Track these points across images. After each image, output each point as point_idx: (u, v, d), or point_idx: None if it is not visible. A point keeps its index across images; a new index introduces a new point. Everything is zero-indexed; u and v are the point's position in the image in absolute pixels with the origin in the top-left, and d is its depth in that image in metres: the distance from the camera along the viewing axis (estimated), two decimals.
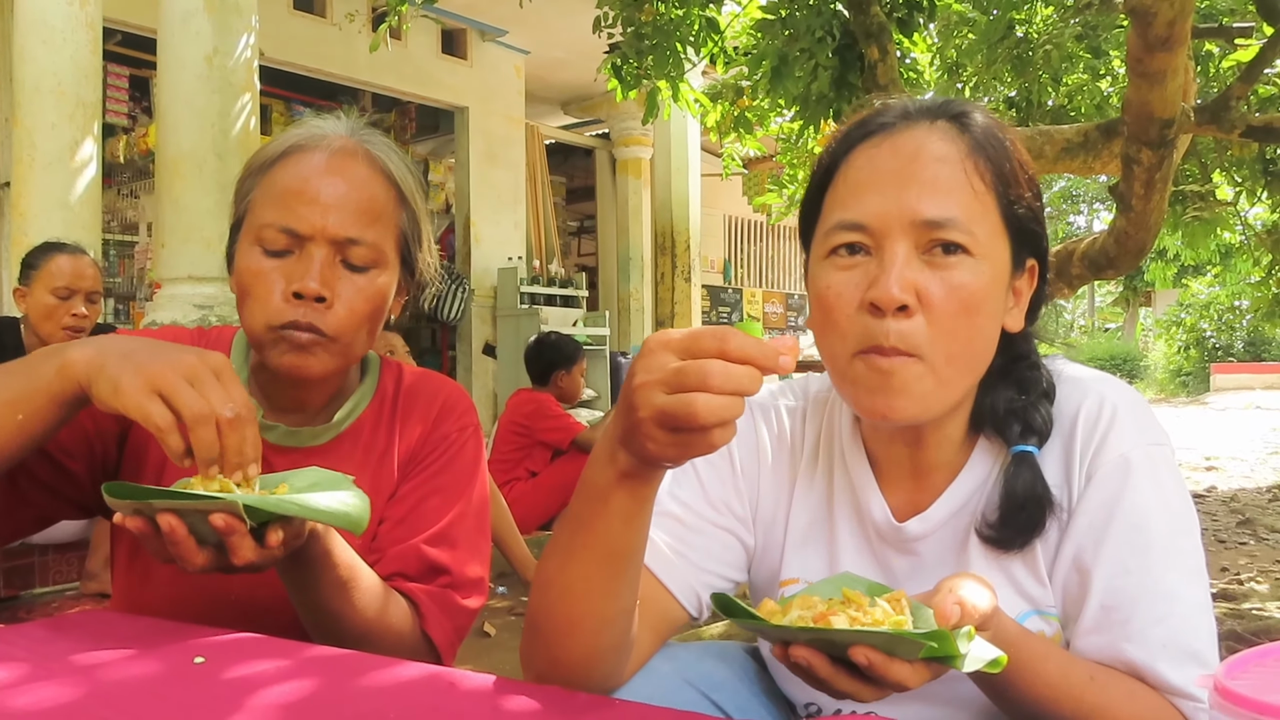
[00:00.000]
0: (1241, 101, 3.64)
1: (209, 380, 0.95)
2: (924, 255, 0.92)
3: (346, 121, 1.24)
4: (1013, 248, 0.97)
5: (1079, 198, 29.34)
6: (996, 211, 0.95)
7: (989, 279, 0.94)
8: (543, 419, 4.73)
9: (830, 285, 0.95)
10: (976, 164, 0.94)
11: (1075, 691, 0.89)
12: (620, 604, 0.90)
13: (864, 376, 0.93)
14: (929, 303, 0.91)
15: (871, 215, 0.93)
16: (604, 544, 0.86)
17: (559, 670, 0.91)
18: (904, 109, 0.98)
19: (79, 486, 1.19)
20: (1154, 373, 25.22)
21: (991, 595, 0.81)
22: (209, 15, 4.11)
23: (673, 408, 0.73)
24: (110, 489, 0.92)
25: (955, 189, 0.92)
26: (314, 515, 0.94)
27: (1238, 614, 3.45)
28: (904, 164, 0.93)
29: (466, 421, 1.32)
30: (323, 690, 0.81)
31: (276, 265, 1.16)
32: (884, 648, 0.73)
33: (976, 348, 0.95)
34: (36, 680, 0.82)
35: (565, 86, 9.93)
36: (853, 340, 0.93)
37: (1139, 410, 1.00)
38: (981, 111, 0.99)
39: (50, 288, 3.17)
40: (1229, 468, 8.56)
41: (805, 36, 4.13)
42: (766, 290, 13.86)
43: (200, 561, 0.94)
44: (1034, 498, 0.96)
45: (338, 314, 1.16)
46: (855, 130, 0.99)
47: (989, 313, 0.95)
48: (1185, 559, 0.94)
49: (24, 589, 3.44)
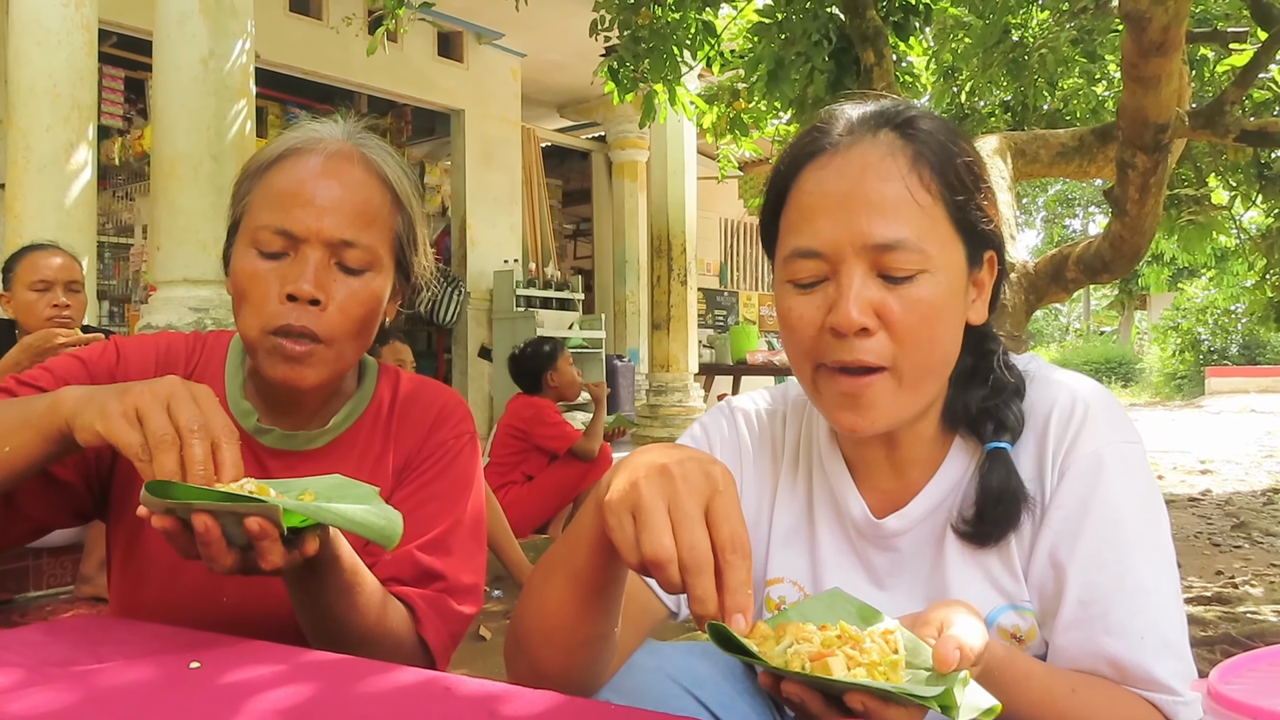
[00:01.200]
0: (1236, 106, 3.65)
1: (185, 402, 0.95)
2: (880, 275, 0.94)
3: (343, 125, 1.25)
4: (967, 248, 0.99)
5: (1074, 202, 29.38)
6: (946, 219, 0.97)
7: (946, 287, 0.96)
8: (541, 425, 4.74)
9: (792, 309, 0.98)
10: (921, 176, 0.95)
11: (1059, 705, 0.91)
12: (595, 630, 0.92)
13: (833, 394, 0.97)
14: (889, 320, 0.94)
15: (824, 242, 0.95)
16: (581, 575, 0.88)
17: (536, 676, 0.93)
18: (848, 121, 1.00)
19: (75, 496, 1.19)
20: (1149, 376, 25.26)
21: (983, 628, 0.82)
22: (205, 17, 4.11)
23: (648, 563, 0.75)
24: (151, 487, 0.92)
25: (902, 207, 0.94)
26: (351, 527, 0.94)
27: (1232, 618, 3.45)
28: (850, 186, 0.95)
29: (463, 429, 1.31)
30: (319, 695, 0.81)
31: (272, 268, 1.16)
32: (882, 696, 0.73)
33: (941, 353, 0.98)
34: (31, 685, 0.82)
35: (561, 89, 9.93)
36: (816, 356, 0.97)
37: (1111, 408, 1.02)
38: (924, 114, 1.01)
39: (27, 284, 3.22)
40: (1224, 471, 8.57)
41: (801, 40, 4.13)
42: (763, 293, 13.87)
43: (228, 563, 0.95)
44: (1009, 492, 0.98)
45: (332, 317, 1.15)
46: (802, 148, 1.01)
47: (950, 319, 0.97)
48: (1159, 553, 0.96)
49: (18, 593, 3.43)
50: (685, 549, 0.73)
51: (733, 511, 0.75)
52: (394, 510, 0.99)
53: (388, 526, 0.96)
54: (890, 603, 1.01)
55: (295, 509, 0.92)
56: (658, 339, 8.94)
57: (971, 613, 0.82)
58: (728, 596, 0.73)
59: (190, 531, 0.92)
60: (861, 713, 0.73)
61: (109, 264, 8.20)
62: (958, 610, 0.82)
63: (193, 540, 0.93)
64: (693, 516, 0.74)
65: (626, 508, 0.77)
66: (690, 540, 0.73)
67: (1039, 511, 0.99)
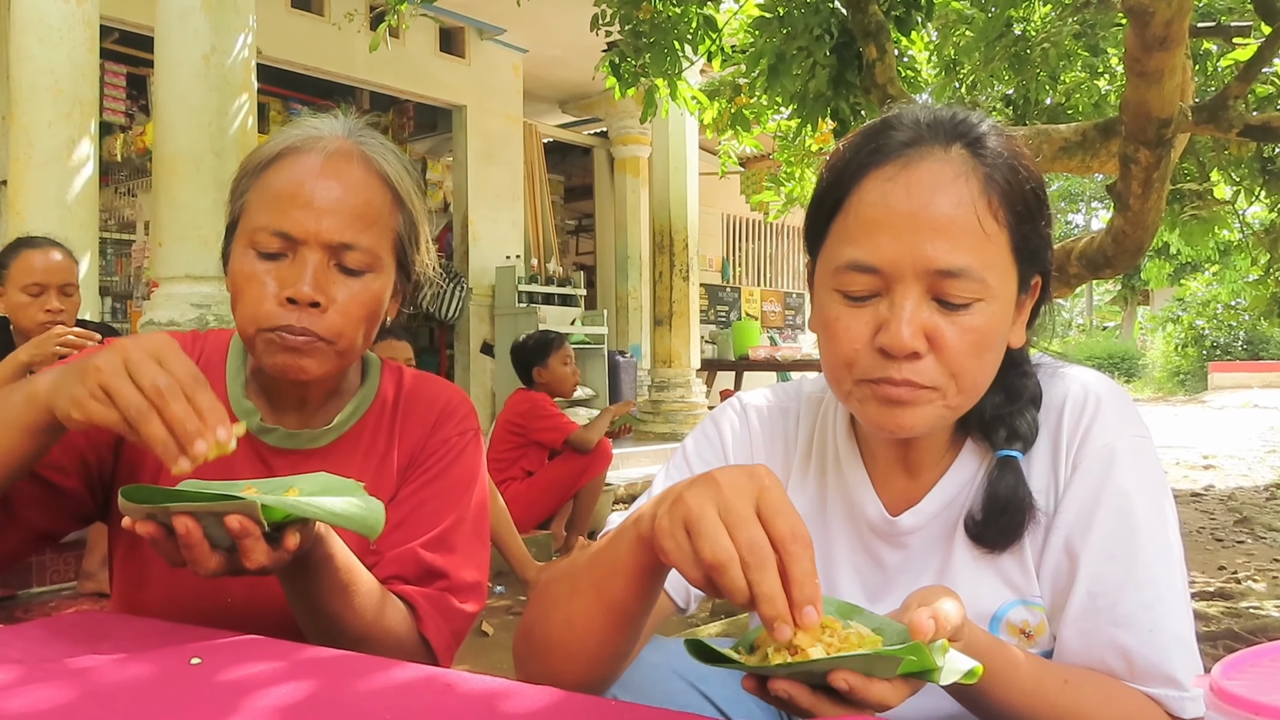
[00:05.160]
0: (1239, 100, 3.63)
1: (144, 363, 0.93)
2: (935, 299, 0.93)
3: (343, 122, 1.23)
4: (1020, 274, 0.98)
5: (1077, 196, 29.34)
6: (1008, 247, 0.95)
7: (1000, 316, 0.95)
8: (537, 419, 4.73)
9: (839, 319, 0.96)
10: (990, 202, 0.93)
11: (1050, 697, 0.90)
12: (624, 648, 0.92)
13: (872, 400, 0.96)
14: (940, 345, 0.92)
15: (884, 259, 0.92)
16: (616, 604, 0.88)
17: (554, 681, 0.92)
18: (915, 126, 0.96)
19: (77, 500, 1.18)
20: (1152, 371, 25.23)
21: (960, 607, 0.82)
22: (206, 13, 4.10)
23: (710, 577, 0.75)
24: (126, 493, 0.92)
25: (968, 234, 0.92)
26: (330, 519, 0.93)
27: (1235, 613, 3.45)
28: (918, 207, 0.91)
29: (466, 426, 1.31)
30: (320, 691, 0.81)
31: (270, 268, 1.14)
32: (862, 669, 0.73)
33: (986, 376, 0.97)
34: (32, 681, 0.82)
35: (563, 85, 9.91)
36: (860, 370, 0.95)
37: (1121, 402, 1.02)
38: (994, 130, 0.98)
39: (21, 285, 3.10)
40: (1227, 466, 8.57)
41: (803, 34, 4.12)
42: (765, 289, 13.85)
43: (213, 565, 0.94)
44: (1015, 501, 0.98)
45: (332, 319, 1.14)
46: (867, 150, 0.96)
47: (997, 344, 0.97)
48: (1168, 548, 0.96)
49: (21, 588, 3.44)
50: (745, 548, 0.72)
51: (785, 505, 0.75)
52: (376, 501, 0.98)
53: (368, 517, 0.95)
54: (900, 599, 1.01)
55: (273, 504, 0.91)
56: (660, 335, 8.93)
57: (951, 595, 0.83)
58: (795, 589, 0.72)
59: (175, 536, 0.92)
60: (848, 692, 0.73)
61: (111, 260, 8.21)
62: (936, 592, 0.83)
63: (178, 546, 0.92)
64: (746, 516, 0.74)
65: (679, 523, 0.76)
66: (749, 538, 0.73)
67: (1052, 506, 0.99)
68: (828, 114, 4.34)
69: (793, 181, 7.19)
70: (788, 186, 7.26)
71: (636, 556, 0.83)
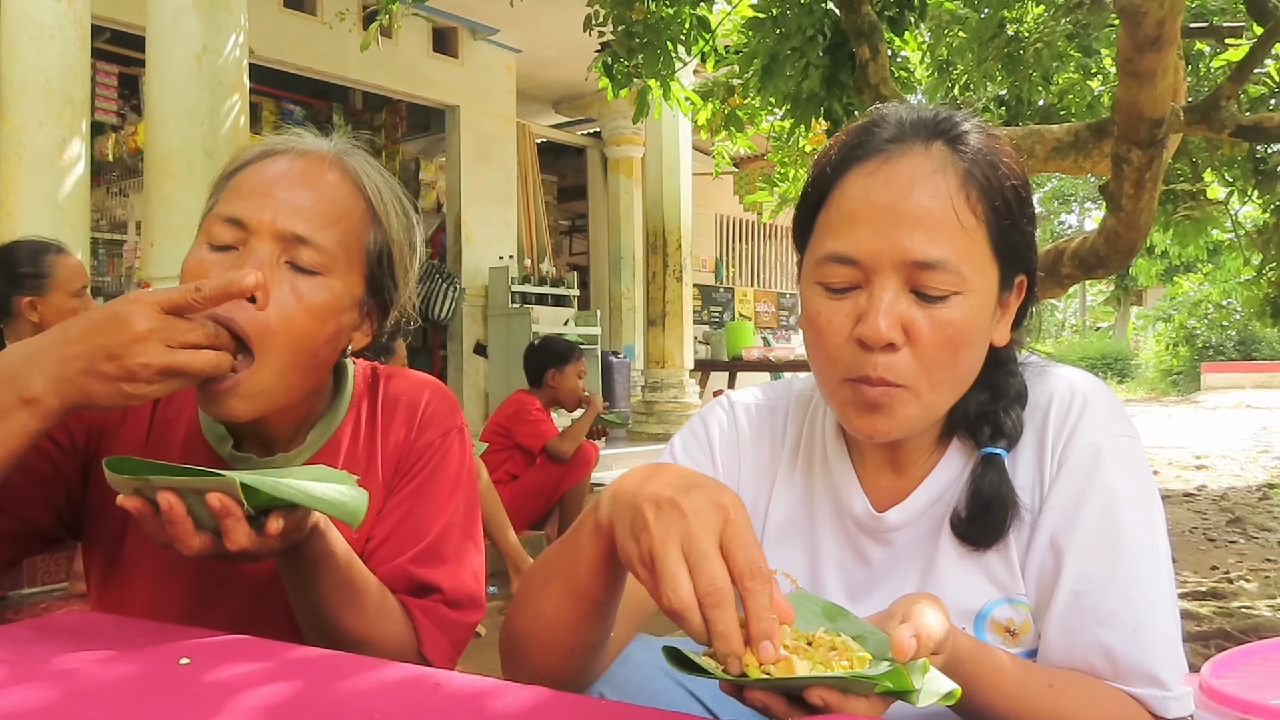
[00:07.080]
0: (1232, 101, 3.64)
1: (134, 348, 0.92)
2: (913, 291, 0.94)
3: (333, 139, 1.18)
4: (1002, 271, 0.99)
5: (1070, 197, 29.43)
6: (987, 243, 0.96)
7: (977, 311, 0.96)
8: (520, 422, 4.68)
9: (821, 312, 0.97)
10: (969, 196, 0.94)
11: (1034, 701, 0.90)
12: (594, 638, 0.92)
13: (851, 401, 0.97)
14: (916, 338, 0.94)
15: (862, 250, 0.94)
16: (582, 592, 0.88)
17: (534, 678, 0.93)
18: (898, 125, 0.98)
19: (44, 530, 1.16)
20: (1144, 371, 25.30)
21: (945, 618, 0.82)
22: (198, 13, 4.10)
23: None
24: (111, 464, 0.91)
25: (945, 226, 0.93)
26: (310, 502, 0.92)
27: (1227, 612, 3.46)
28: (896, 198, 0.93)
29: (449, 425, 1.25)
30: (308, 691, 0.81)
31: (218, 259, 1.05)
32: (839, 688, 0.73)
33: (962, 373, 0.98)
34: (20, 682, 0.82)
35: (556, 85, 9.92)
36: (842, 367, 0.97)
37: (1108, 402, 1.03)
38: (977, 128, 0.99)
39: (71, 290, 3.00)
40: (1219, 466, 8.60)
41: (796, 35, 4.12)
42: (758, 289, 13.86)
43: (197, 545, 0.93)
44: (999, 499, 0.98)
45: (267, 318, 1.02)
46: (851, 148, 0.99)
47: (975, 341, 0.97)
48: (1154, 548, 0.96)
49: (12, 589, 3.43)
50: (704, 589, 0.72)
51: (748, 539, 0.74)
52: (362, 490, 0.96)
53: (350, 504, 0.94)
54: (885, 597, 1.02)
55: (251, 482, 0.90)
56: (653, 335, 8.94)
57: (936, 605, 0.83)
58: (753, 623, 0.72)
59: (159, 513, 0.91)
60: (823, 708, 0.73)
61: (103, 260, 8.20)
62: (920, 601, 0.83)
63: (163, 524, 0.92)
64: (709, 554, 0.73)
65: (639, 559, 0.76)
66: (709, 577, 0.72)
67: (1037, 504, 0.99)
68: (821, 114, 4.34)
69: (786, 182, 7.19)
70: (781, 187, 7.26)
71: (596, 545, 0.84)
